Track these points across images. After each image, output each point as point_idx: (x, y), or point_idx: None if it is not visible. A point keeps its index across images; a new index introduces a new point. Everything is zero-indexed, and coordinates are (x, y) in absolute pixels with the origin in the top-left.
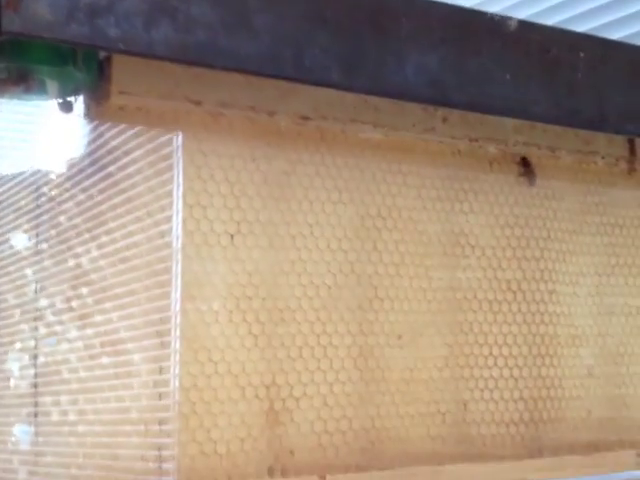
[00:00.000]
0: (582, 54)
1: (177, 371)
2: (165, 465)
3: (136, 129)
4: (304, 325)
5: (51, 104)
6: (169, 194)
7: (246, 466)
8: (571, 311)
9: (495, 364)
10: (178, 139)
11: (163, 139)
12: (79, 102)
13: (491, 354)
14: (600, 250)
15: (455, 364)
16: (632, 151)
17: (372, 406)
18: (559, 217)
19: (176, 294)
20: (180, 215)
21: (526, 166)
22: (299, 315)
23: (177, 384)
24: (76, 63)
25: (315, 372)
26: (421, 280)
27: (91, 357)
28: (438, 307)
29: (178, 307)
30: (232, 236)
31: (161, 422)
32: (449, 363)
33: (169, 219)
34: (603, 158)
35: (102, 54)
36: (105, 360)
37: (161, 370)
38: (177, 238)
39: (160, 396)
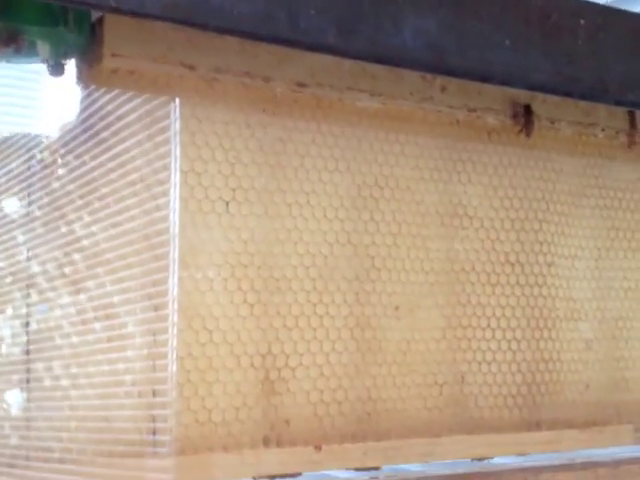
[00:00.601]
0: (583, 21)
1: (171, 338)
2: (159, 433)
3: (130, 94)
4: (300, 294)
5: (42, 67)
6: (162, 158)
7: (241, 435)
8: (570, 284)
9: (493, 336)
10: (175, 104)
11: (157, 104)
12: (71, 65)
13: (489, 326)
14: (599, 224)
15: (453, 336)
16: (632, 124)
17: (369, 377)
18: (558, 190)
19: (170, 261)
20: (175, 182)
21: (528, 115)
22: (295, 284)
23: (171, 352)
24: (67, 24)
25: (311, 342)
26: (418, 251)
27: (84, 323)
28: (436, 278)
29: (172, 273)
30: (227, 203)
31: (155, 390)
32: (446, 335)
33: (162, 184)
34: (603, 130)
35: (94, 16)
36: (98, 326)
37: (155, 337)
38: (171, 204)
39: (154, 364)
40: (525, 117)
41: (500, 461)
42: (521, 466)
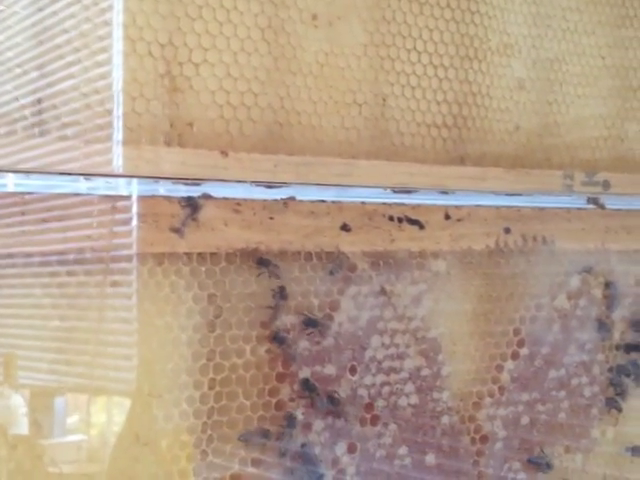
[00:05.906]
0: None
1: (58, 13)
2: (45, 112)
3: None
4: None
5: None
6: None
7: (139, 129)
8: (505, 17)
9: (419, 60)
10: None
11: None
12: None
13: (415, 49)
14: None
15: (375, 54)
16: None
17: (282, 85)
18: None
19: None
20: None
21: None
22: None
23: (59, 27)
24: None
25: (217, 37)
26: None
27: None
28: None
29: None
30: None
31: (41, 67)
32: (368, 52)
33: None
34: None
35: None
36: None
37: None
38: None
39: (40, 39)
40: None
41: (420, 195)
42: (442, 199)
